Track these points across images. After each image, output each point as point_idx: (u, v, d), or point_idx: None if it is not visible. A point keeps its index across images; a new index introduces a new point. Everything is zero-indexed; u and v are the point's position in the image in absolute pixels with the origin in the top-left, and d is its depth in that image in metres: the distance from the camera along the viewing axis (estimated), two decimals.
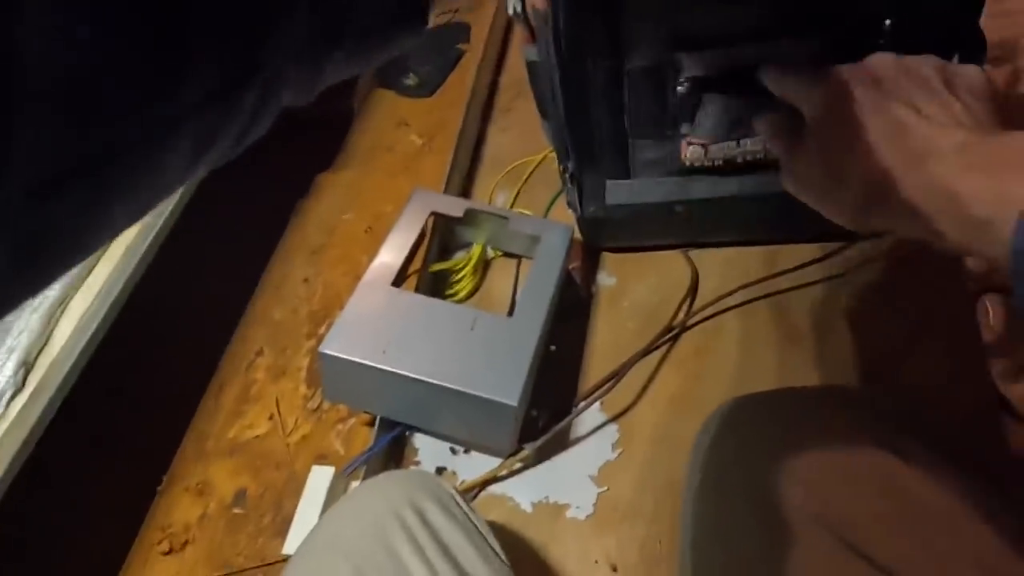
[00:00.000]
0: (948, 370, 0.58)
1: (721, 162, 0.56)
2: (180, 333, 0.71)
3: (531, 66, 0.54)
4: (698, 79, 0.51)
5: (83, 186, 0.15)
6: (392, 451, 0.57)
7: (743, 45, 0.48)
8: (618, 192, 0.60)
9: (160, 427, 0.65)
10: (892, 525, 0.32)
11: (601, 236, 0.67)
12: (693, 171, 0.57)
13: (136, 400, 0.66)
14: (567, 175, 0.60)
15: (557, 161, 0.62)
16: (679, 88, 0.52)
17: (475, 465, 0.56)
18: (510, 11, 0.50)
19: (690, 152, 0.55)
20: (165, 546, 0.58)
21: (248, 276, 0.76)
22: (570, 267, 0.66)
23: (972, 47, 0.50)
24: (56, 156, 0.14)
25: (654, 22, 0.49)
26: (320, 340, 0.70)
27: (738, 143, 0.54)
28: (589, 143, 0.57)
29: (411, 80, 0.94)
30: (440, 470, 0.56)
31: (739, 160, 0.55)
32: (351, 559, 0.37)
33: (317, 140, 0.87)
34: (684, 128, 0.55)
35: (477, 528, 0.41)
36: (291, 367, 0.68)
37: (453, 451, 0.57)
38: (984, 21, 0.50)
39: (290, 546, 0.51)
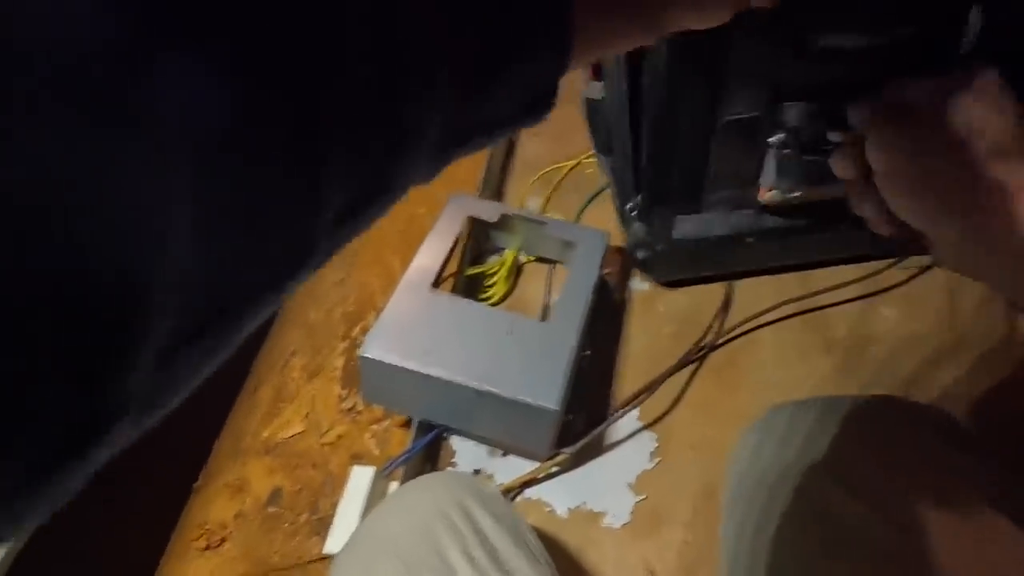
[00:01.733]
0: (984, 385, 0.57)
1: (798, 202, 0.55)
2: None
3: (592, 103, 0.53)
4: (792, 132, 0.50)
5: (212, 337, 0.14)
6: (429, 452, 0.58)
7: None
8: (687, 226, 0.59)
9: (197, 425, 0.66)
10: (946, 531, 0.32)
11: (665, 270, 0.66)
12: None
13: None
14: (632, 213, 0.59)
15: (616, 197, 0.61)
16: (771, 141, 0.51)
17: (511, 468, 0.56)
18: None
19: (769, 196, 0.54)
20: (202, 543, 0.59)
21: None
22: (604, 272, 0.66)
23: None
24: (197, 310, 0.13)
25: (756, 76, 0.48)
26: (354, 341, 0.71)
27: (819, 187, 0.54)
28: (665, 183, 0.57)
29: None
30: (476, 472, 0.57)
31: (817, 200, 0.55)
32: (401, 558, 0.37)
33: None
34: (765, 180, 0.54)
35: (522, 531, 0.41)
36: (326, 367, 0.69)
37: (490, 453, 0.57)
38: None
39: (332, 545, 0.52)
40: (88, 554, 0.59)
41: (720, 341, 0.62)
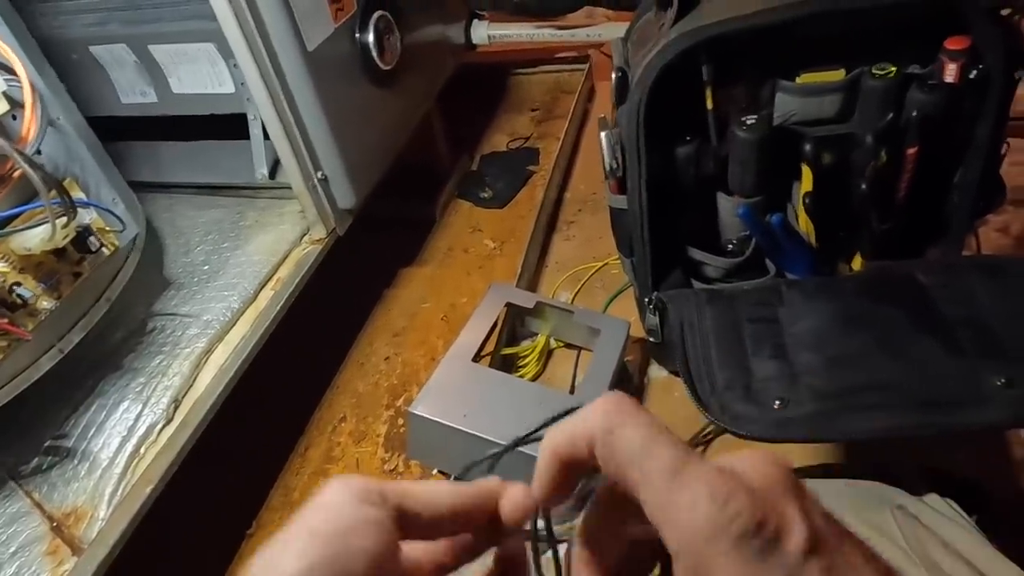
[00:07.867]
0: (984, 470, 0.62)
1: None
2: (278, 395, 0.80)
3: (617, 212, 0.63)
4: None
5: None
6: None
7: None
8: None
9: (252, 480, 0.73)
10: None
11: (671, 361, 0.71)
12: None
13: (230, 450, 0.74)
14: (649, 306, 0.63)
15: (636, 293, 0.70)
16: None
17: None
18: (606, 168, 0.60)
19: None
20: None
21: (337, 352, 0.86)
22: (626, 359, 0.74)
23: (993, 190, 0.58)
24: None
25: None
26: (398, 411, 0.79)
27: None
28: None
29: (486, 193, 1.08)
30: None
31: None
32: None
33: (404, 239, 1.00)
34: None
35: None
36: (371, 433, 0.76)
37: None
38: (1006, 168, 0.58)
39: None
40: None
41: None
